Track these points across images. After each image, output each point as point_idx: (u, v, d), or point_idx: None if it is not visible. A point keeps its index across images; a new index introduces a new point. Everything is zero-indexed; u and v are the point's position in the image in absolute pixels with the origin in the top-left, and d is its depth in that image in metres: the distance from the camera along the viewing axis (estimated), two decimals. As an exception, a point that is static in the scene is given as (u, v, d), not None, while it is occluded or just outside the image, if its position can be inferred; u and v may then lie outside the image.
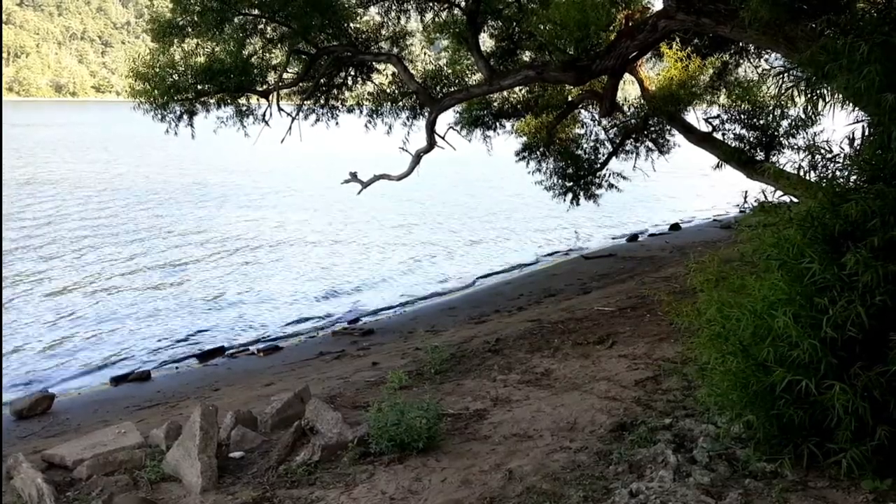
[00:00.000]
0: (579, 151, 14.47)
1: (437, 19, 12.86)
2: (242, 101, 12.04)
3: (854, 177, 4.01)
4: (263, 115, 12.17)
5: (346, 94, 13.49)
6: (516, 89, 13.56)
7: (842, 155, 4.07)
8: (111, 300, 15.29)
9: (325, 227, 24.15)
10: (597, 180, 14.39)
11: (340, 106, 13.48)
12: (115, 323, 13.80)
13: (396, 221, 25.22)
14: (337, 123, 13.57)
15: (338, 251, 20.57)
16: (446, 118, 13.07)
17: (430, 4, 12.85)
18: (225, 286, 16.58)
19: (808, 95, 4.40)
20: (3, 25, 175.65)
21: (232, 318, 14.26)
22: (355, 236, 22.72)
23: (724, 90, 12.99)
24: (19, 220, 23.76)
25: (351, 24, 11.98)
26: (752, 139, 11.46)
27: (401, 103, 13.11)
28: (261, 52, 11.87)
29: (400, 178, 12.79)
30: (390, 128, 13.40)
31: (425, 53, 14.07)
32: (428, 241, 22.15)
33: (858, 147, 4.04)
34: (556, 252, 20.75)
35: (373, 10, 12.78)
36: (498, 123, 14.13)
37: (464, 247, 21.49)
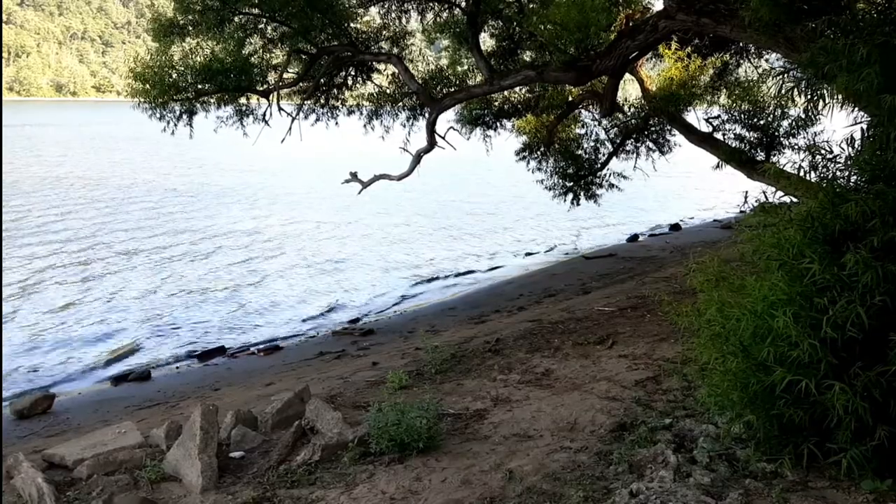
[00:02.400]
0: (580, 151, 14.47)
1: (437, 19, 12.86)
2: (242, 100, 12.03)
3: (854, 177, 4.02)
4: (263, 114, 12.16)
5: (347, 93, 13.48)
6: (517, 89, 13.55)
7: (842, 155, 4.07)
8: (111, 300, 15.30)
9: (325, 227, 24.15)
10: (597, 180, 14.40)
11: (340, 106, 13.48)
12: (115, 323, 13.80)
13: (396, 222, 25.23)
14: (337, 123, 13.57)
15: (337, 251, 20.58)
16: (447, 118, 13.07)
17: (431, 5, 12.83)
18: (225, 285, 16.58)
19: (808, 96, 4.40)
20: (4, 25, 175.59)
21: (232, 318, 14.26)
22: (354, 236, 22.73)
23: (724, 90, 12.99)
24: (23, 220, 23.78)
25: (351, 24, 11.97)
26: (752, 139, 11.46)
27: (401, 103, 13.10)
28: (261, 51, 11.86)
29: (400, 177, 12.78)
30: (387, 130, 13.40)
31: (424, 56, 14.04)
32: (428, 241, 22.16)
33: (858, 147, 4.04)
34: (556, 252, 20.76)
35: (373, 10, 12.77)
36: (498, 123, 14.13)
37: (463, 247, 21.49)
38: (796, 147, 10.59)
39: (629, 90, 15.46)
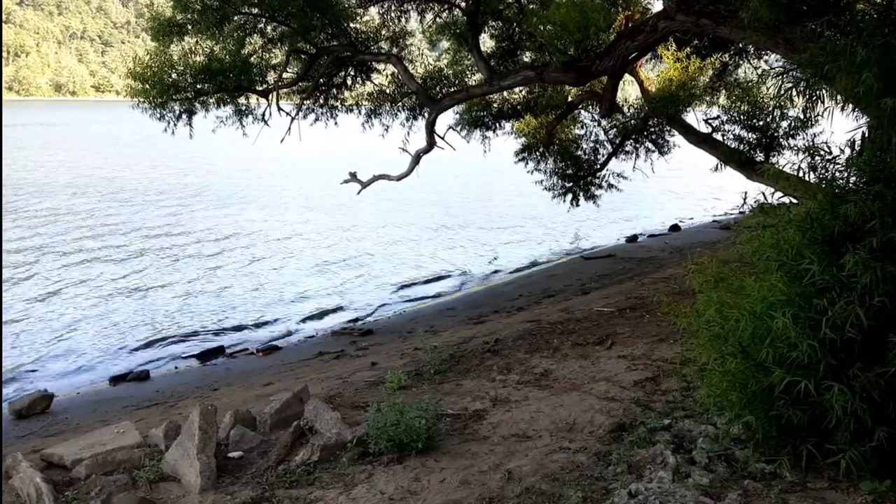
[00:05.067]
0: (579, 152, 14.46)
1: (437, 20, 12.85)
2: (242, 100, 12.01)
3: (853, 178, 4.02)
4: (263, 114, 12.14)
5: (346, 93, 13.47)
6: (516, 90, 13.55)
7: (841, 156, 4.07)
8: (111, 299, 15.28)
9: (325, 227, 24.13)
10: (596, 181, 14.39)
11: (340, 106, 13.46)
12: (114, 322, 13.78)
13: (395, 222, 25.21)
14: (336, 123, 13.56)
15: (337, 251, 20.56)
16: (446, 118, 13.06)
17: (431, 5, 12.83)
18: (224, 286, 16.56)
19: (808, 97, 4.40)
20: (3, 25, 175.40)
21: (231, 318, 14.24)
22: (354, 236, 22.72)
23: (723, 91, 12.99)
24: (21, 219, 23.78)
25: (351, 24, 11.96)
26: (751, 140, 11.45)
27: (400, 103, 13.10)
28: (260, 51, 11.85)
29: (399, 178, 12.78)
30: (387, 129, 13.39)
31: (424, 57, 14.02)
32: (427, 242, 22.15)
33: (858, 149, 4.04)
34: (555, 252, 20.76)
35: (373, 10, 12.76)
36: (498, 124, 14.12)
37: (464, 247, 21.49)
38: (795, 148, 10.59)
39: (629, 91, 15.47)
